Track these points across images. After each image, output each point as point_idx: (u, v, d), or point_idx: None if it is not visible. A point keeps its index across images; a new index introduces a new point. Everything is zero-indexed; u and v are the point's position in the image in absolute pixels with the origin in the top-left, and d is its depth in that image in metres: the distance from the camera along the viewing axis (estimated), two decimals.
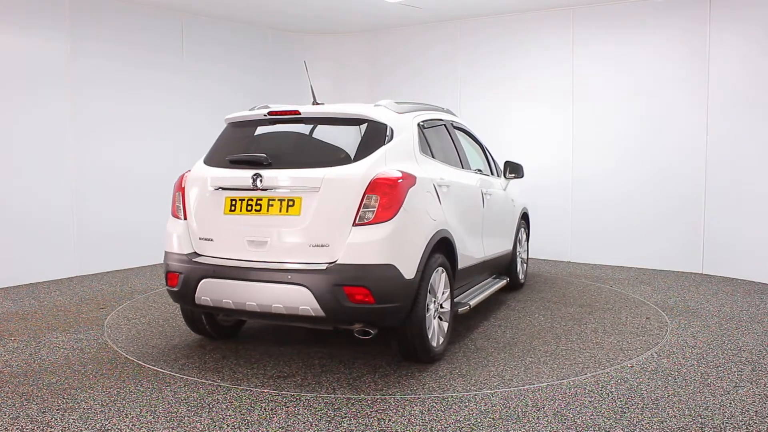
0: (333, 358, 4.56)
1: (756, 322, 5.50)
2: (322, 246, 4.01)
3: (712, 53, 7.36)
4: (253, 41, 9.45)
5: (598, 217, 8.20)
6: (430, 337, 4.34)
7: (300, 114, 4.46)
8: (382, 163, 4.16)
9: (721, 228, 7.41)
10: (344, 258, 3.96)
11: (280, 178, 4.18)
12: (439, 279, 4.49)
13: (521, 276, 6.87)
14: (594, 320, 5.52)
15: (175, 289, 4.41)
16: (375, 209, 3.99)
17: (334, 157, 4.26)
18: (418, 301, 4.18)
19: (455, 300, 4.99)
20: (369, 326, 4.14)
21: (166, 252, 4.52)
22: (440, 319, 4.58)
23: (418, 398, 3.87)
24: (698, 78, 7.46)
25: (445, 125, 5.47)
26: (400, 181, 4.10)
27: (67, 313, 5.89)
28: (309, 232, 4.04)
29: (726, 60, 7.27)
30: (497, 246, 5.95)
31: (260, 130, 4.65)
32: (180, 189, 4.56)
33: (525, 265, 7.03)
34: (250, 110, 4.76)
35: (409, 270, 4.08)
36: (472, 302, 5.12)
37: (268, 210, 4.17)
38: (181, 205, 4.53)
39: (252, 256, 4.19)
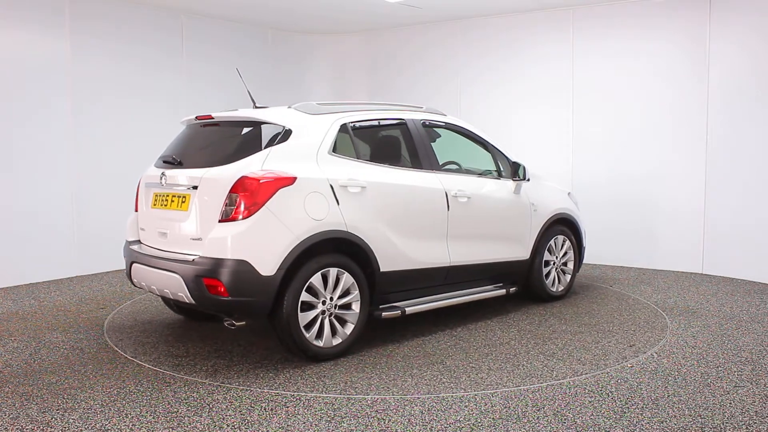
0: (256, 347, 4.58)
1: (756, 322, 5.50)
2: (197, 240, 4.41)
3: (712, 53, 7.36)
4: (253, 41, 9.44)
5: (598, 218, 8.19)
6: (309, 335, 4.43)
7: (213, 118, 4.95)
8: (259, 163, 4.40)
9: (721, 228, 7.40)
10: (206, 252, 4.30)
11: (176, 177, 4.68)
12: (332, 279, 4.53)
13: (555, 288, 6.29)
14: (557, 345, 4.90)
15: (125, 270, 5.11)
16: (235, 207, 4.26)
17: (219, 157, 4.61)
18: (284, 298, 4.32)
19: (396, 303, 5.04)
20: (235, 318, 4.40)
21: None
22: (339, 319, 4.61)
23: (418, 398, 3.87)
24: (698, 77, 7.46)
25: (406, 124, 5.35)
26: (262, 181, 4.29)
27: (67, 313, 5.89)
28: (190, 227, 4.49)
29: (726, 60, 7.27)
30: (488, 252, 5.68)
31: (192, 132, 5.14)
32: (138, 185, 5.23)
33: (567, 276, 6.43)
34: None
35: (266, 267, 4.23)
36: (410, 309, 5.05)
37: (170, 205, 4.70)
38: (135, 200, 5.23)
39: (159, 246, 4.78)
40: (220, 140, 4.90)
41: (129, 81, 7.92)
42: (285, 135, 4.58)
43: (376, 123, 5.29)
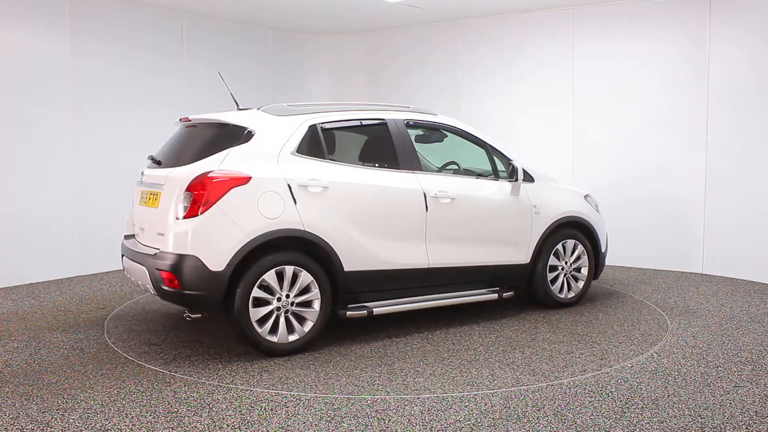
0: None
1: (756, 322, 5.50)
2: (162, 235, 4.62)
3: (712, 53, 7.36)
4: (253, 41, 9.43)
5: None
6: (262, 330, 4.55)
7: (189, 120, 5.20)
8: (217, 163, 4.59)
9: (721, 228, 7.40)
10: (164, 246, 4.56)
11: (150, 176, 5.00)
12: (287, 277, 4.62)
13: (564, 294, 6.01)
14: (523, 354, 4.66)
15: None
16: (189, 205, 4.47)
17: (187, 157, 4.82)
18: (235, 293, 4.48)
19: (367, 303, 5.04)
20: (191, 311, 4.62)
21: None
22: (297, 317, 4.68)
23: (418, 398, 3.87)
24: (698, 77, 7.46)
25: (386, 124, 5.30)
26: (215, 180, 4.48)
27: (67, 313, 5.89)
28: (158, 223, 4.71)
29: (726, 60, 7.26)
30: (476, 255, 5.50)
31: (178, 133, 5.34)
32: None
33: (579, 282, 6.10)
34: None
35: (215, 263, 4.42)
36: (378, 309, 5.01)
37: (147, 202, 4.96)
38: (133, 197, 5.46)
39: (141, 240, 5.07)
40: (193, 141, 5.06)
41: (129, 81, 7.90)
42: (247, 136, 4.74)
43: (351, 123, 5.30)
